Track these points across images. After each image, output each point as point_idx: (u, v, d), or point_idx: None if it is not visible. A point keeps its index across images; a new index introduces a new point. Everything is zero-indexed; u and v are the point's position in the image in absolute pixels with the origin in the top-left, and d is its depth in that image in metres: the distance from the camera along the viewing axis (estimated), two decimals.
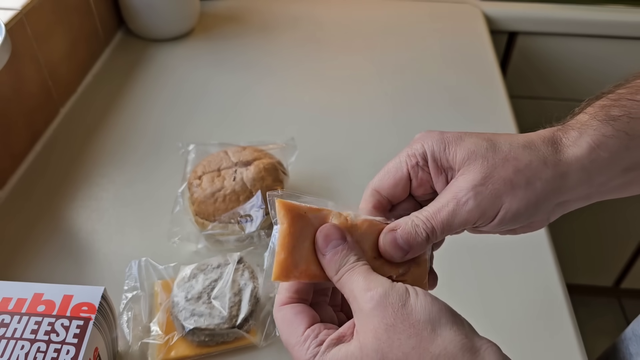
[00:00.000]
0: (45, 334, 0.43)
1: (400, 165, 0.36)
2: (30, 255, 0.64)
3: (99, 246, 0.65)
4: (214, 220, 0.62)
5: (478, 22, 1.11)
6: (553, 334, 0.58)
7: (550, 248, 0.67)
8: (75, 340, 0.43)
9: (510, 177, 0.33)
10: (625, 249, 1.46)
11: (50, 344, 0.43)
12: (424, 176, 0.36)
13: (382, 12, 1.15)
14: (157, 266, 0.58)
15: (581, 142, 0.34)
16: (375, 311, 0.29)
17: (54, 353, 0.42)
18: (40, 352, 0.42)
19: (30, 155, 0.77)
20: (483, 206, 0.33)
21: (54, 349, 0.43)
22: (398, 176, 0.36)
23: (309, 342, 0.31)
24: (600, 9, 1.13)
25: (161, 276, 0.58)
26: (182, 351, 0.53)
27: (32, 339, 0.43)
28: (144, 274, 0.58)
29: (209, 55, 1.01)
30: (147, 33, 1.02)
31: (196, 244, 0.63)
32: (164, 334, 0.53)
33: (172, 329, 0.54)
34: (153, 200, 0.71)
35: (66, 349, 0.43)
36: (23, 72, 0.75)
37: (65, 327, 0.44)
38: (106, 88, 0.91)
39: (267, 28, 1.08)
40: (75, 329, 0.44)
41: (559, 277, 0.63)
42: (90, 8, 0.93)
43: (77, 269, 0.62)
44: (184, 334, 0.52)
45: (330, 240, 0.33)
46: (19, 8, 0.72)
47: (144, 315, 0.55)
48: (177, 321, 0.53)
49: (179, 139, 0.76)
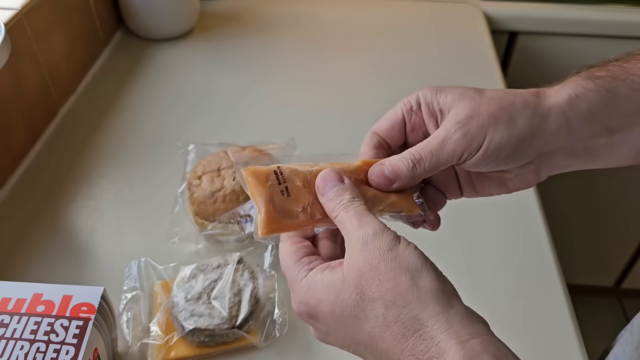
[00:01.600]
0: (44, 334, 0.43)
1: (397, 110, 0.40)
2: (29, 255, 0.63)
3: (98, 246, 0.65)
4: (213, 221, 0.62)
5: (478, 22, 1.11)
6: (553, 334, 0.58)
7: (551, 248, 0.67)
8: (74, 341, 0.43)
9: (494, 112, 0.36)
10: (626, 249, 1.46)
11: (50, 344, 0.43)
12: (417, 120, 0.40)
13: (382, 12, 1.15)
14: (156, 266, 0.58)
15: (562, 92, 0.37)
16: (363, 251, 0.31)
17: (54, 353, 0.42)
18: (40, 352, 0.42)
19: (29, 155, 0.77)
20: (469, 137, 0.36)
21: (54, 349, 0.43)
22: (394, 119, 0.40)
23: (301, 265, 0.34)
24: (601, 9, 1.13)
25: (161, 276, 0.58)
26: (182, 352, 0.53)
27: (32, 339, 0.43)
28: (144, 274, 0.58)
29: (208, 55, 1.01)
30: (146, 33, 1.02)
31: (196, 244, 0.63)
32: (164, 335, 0.53)
33: (171, 330, 0.54)
34: (153, 201, 0.71)
35: (65, 349, 0.43)
36: (23, 72, 0.74)
37: (64, 327, 0.44)
38: (106, 88, 0.91)
39: (267, 28, 1.08)
40: (74, 329, 0.44)
41: (560, 277, 0.63)
42: (89, 8, 0.93)
43: (76, 269, 0.62)
44: (183, 334, 0.52)
45: (327, 182, 0.35)
46: (19, 8, 0.72)
47: (143, 316, 0.55)
48: (177, 321, 0.53)
49: (178, 139, 0.76)
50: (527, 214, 0.71)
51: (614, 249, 1.48)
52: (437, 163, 0.36)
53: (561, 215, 1.35)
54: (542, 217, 0.71)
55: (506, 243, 0.68)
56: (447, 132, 0.36)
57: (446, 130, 0.36)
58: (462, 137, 0.36)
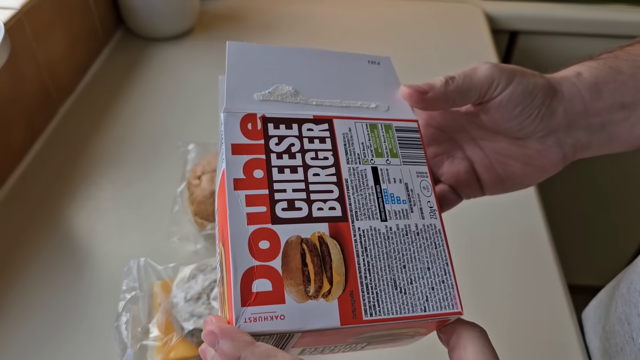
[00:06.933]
0: None
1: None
2: (28, 254, 0.63)
3: (97, 246, 0.65)
4: (213, 220, 0.61)
5: (479, 22, 1.11)
6: (554, 335, 0.58)
7: (551, 248, 0.67)
8: None
9: (515, 68, 0.36)
10: (626, 249, 1.46)
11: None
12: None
13: (382, 12, 1.15)
14: (156, 267, 0.58)
15: (566, 71, 0.38)
16: None
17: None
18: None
19: (29, 154, 0.76)
20: (499, 69, 0.35)
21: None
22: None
23: None
24: (602, 8, 1.13)
25: (160, 277, 0.58)
26: (182, 352, 0.53)
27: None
28: (143, 275, 0.57)
29: (209, 54, 1.01)
30: (146, 32, 1.02)
31: (195, 244, 0.63)
32: (163, 335, 0.53)
33: (171, 330, 0.54)
34: (152, 200, 0.71)
35: None
36: (22, 71, 0.74)
37: None
38: (105, 87, 0.91)
39: (267, 27, 1.08)
40: None
41: (560, 277, 0.63)
42: (89, 7, 0.93)
43: (75, 269, 0.62)
44: (183, 334, 0.52)
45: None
46: (18, 7, 0.72)
47: (142, 316, 0.55)
48: (177, 322, 0.53)
49: (178, 139, 0.76)
50: (527, 214, 0.71)
51: (614, 249, 1.48)
52: (470, 84, 0.35)
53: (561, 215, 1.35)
54: (542, 217, 0.71)
55: (506, 243, 0.68)
56: (478, 64, 0.36)
57: (477, 64, 0.36)
58: (494, 67, 0.35)
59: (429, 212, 0.32)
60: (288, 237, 0.29)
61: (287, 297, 0.27)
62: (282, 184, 0.30)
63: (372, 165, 0.32)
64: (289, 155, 0.31)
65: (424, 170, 0.34)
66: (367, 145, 0.33)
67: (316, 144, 0.32)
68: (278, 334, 0.27)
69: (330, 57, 0.38)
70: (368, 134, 0.34)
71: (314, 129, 0.33)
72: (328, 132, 0.33)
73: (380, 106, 0.36)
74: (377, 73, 0.38)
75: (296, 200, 0.30)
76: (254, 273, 0.27)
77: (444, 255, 0.31)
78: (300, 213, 0.30)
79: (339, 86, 0.36)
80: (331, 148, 0.32)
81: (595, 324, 0.56)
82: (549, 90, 0.36)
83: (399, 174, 0.33)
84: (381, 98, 0.36)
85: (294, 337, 0.28)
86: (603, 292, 0.58)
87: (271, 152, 0.31)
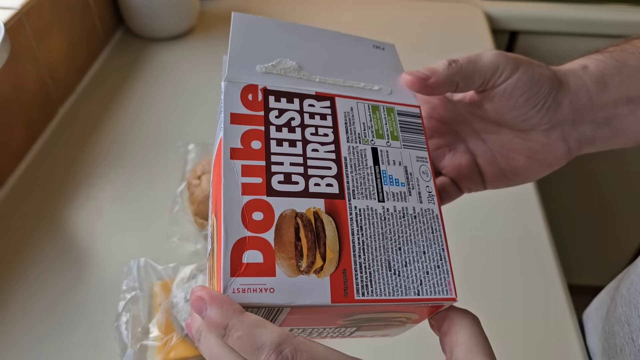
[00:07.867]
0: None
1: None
2: (28, 254, 0.63)
3: (97, 246, 0.65)
4: None
5: (479, 22, 1.11)
6: (554, 334, 0.58)
7: (551, 248, 0.66)
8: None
9: (521, 58, 0.36)
10: (626, 249, 1.46)
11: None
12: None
13: (383, 12, 1.15)
14: (156, 267, 0.58)
15: (572, 63, 0.38)
16: None
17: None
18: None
19: (29, 154, 0.76)
20: (505, 57, 0.35)
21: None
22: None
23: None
24: (602, 8, 1.13)
25: (160, 277, 0.58)
26: (182, 352, 0.53)
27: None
28: (143, 275, 0.57)
29: (208, 54, 1.01)
30: (146, 32, 1.02)
31: (195, 244, 0.63)
32: (163, 335, 0.53)
33: (171, 330, 0.54)
34: (152, 200, 0.71)
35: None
36: (22, 72, 0.74)
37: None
38: (105, 87, 0.91)
39: None
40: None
41: (560, 277, 0.63)
42: (89, 7, 0.93)
43: (75, 269, 0.62)
44: (183, 334, 0.52)
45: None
46: (18, 7, 0.72)
47: (142, 316, 0.54)
48: (177, 322, 0.53)
49: (178, 139, 0.76)
50: (527, 213, 0.71)
51: (614, 249, 1.48)
52: (474, 68, 0.35)
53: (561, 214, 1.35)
54: (542, 217, 0.70)
55: (506, 242, 0.68)
56: (483, 51, 0.35)
57: (482, 51, 0.36)
58: (499, 54, 0.35)
59: (427, 196, 0.32)
60: (282, 211, 0.28)
61: (278, 270, 0.26)
62: (279, 156, 0.30)
63: (372, 145, 0.32)
64: (288, 129, 0.31)
65: (424, 155, 0.33)
66: (368, 126, 0.33)
67: (317, 120, 0.32)
68: (266, 307, 0.26)
69: (336, 37, 0.37)
70: (370, 114, 0.33)
71: (316, 105, 0.32)
72: (329, 110, 0.32)
73: (384, 89, 0.35)
74: (381, 57, 0.38)
75: (293, 174, 0.29)
76: (245, 244, 0.26)
77: (440, 240, 0.31)
78: (297, 187, 0.29)
79: (343, 66, 0.35)
80: (332, 125, 0.32)
81: (597, 324, 0.56)
82: (555, 81, 0.36)
83: (399, 156, 0.32)
84: (384, 82, 0.36)
85: (282, 313, 0.27)
86: (604, 292, 0.58)
87: (270, 124, 0.31)
